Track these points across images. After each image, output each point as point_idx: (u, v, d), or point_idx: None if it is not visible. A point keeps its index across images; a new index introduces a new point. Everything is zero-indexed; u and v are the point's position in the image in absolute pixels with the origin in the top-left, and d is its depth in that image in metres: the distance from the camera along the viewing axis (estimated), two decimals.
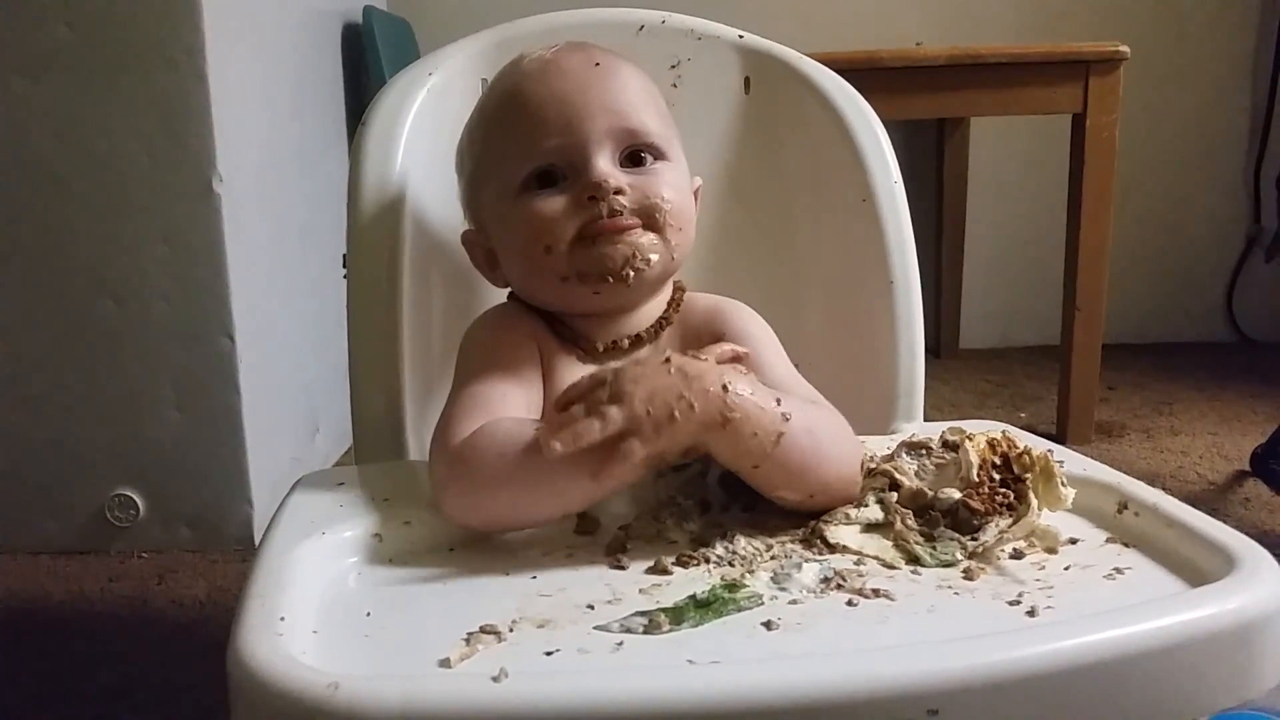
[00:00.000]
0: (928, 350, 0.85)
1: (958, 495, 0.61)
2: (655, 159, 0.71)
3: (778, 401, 0.59)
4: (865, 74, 0.99)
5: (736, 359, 0.64)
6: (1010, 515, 0.59)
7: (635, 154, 0.70)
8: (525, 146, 0.69)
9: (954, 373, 2.37)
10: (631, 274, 0.68)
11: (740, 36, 0.92)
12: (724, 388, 0.57)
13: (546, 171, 0.69)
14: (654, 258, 0.69)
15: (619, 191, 0.67)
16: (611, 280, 0.68)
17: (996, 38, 2.32)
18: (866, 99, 0.90)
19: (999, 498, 0.60)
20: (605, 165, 0.68)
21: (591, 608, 0.52)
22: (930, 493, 0.62)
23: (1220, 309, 2.65)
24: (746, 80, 0.92)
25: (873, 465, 0.65)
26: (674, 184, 0.70)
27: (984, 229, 2.55)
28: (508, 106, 0.71)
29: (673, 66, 0.90)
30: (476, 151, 0.74)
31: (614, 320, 0.72)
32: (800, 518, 0.62)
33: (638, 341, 0.73)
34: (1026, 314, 2.58)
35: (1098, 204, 1.77)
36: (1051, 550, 0.58)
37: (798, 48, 0.93)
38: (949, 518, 0.60)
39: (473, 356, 0.71)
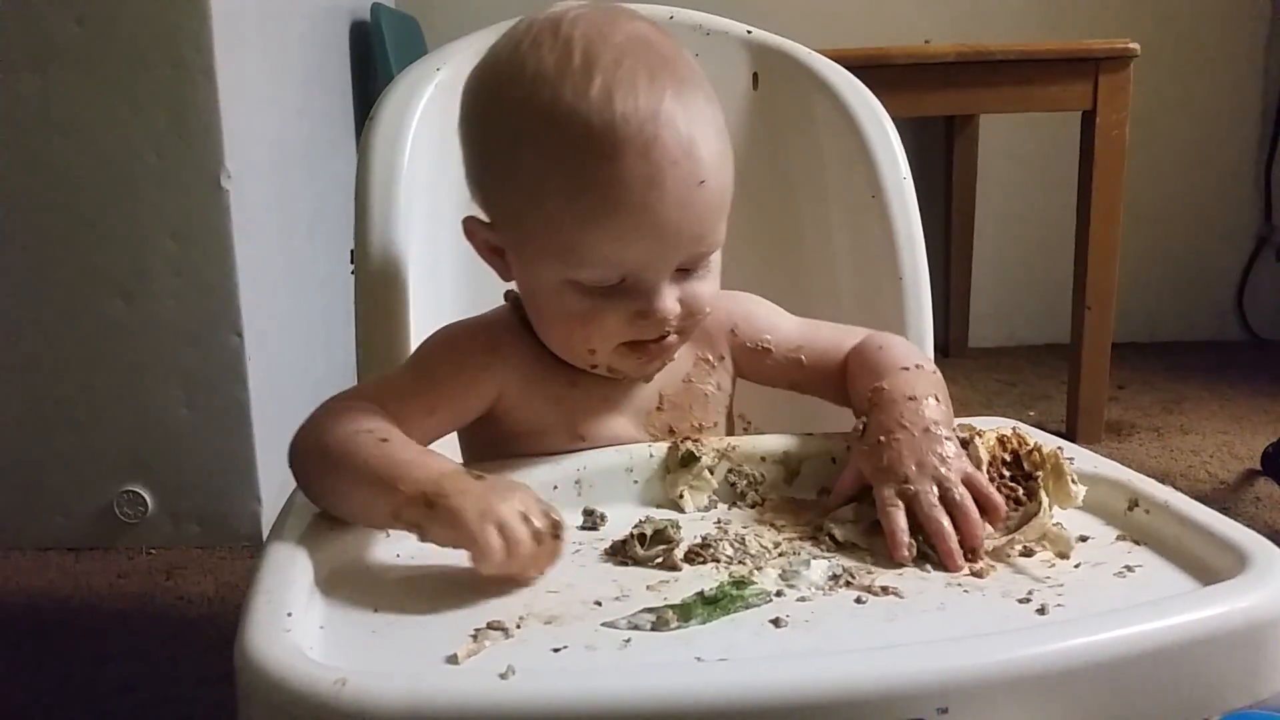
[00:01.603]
0: (936, 349, 0.85)
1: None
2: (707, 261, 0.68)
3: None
4: (874, 71, 0.99)
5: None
6: (1018, 509, 0.59)
7: (692, 263, 0.66)
8: (597, 249, 0.62)
9: (963, 371, 2.36)
10: (655, 375, 0.71)
11: (748, 32, 0.92)
12: None
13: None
14: (676, 355, 0.71)
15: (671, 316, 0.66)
16: (635, 377, 0.71)
17: (1006, 35, 2.31)
18: (875, 96, 0.89)
19: (1008, 493, 0.60)
20: (668, 295, 0.64)
21: (599, 604, 0.52)
22: None
23: (1231, 308, 2.64)
24: (755, 76, 0.91)
25: None
26: (715, 282, 0.69)
27: (993, 227, 2.54)
28: (591, 161, 0.61)
29: None
30: (528, 170, 0.63)
31: None
32: (809, 515, 0.62)
33: None
34: (1036, 312, 2.57)
35: (1107, 202, 1.76)
36: (1063, 555, 0.57)
37: (806, 44, 0.92)
38: None
39: (421, 368, 0.70)
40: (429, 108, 0.83)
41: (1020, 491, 0.60)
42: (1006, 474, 0.61)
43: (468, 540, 0.53)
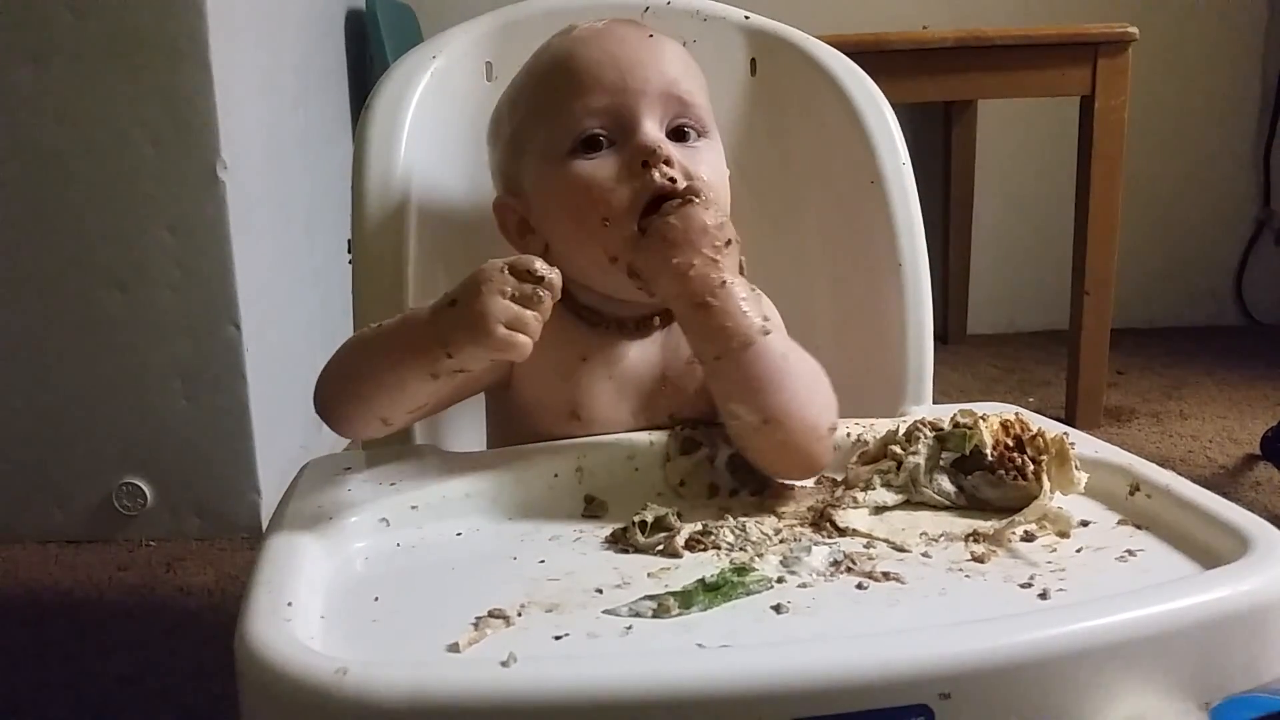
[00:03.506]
0: (935, 335, 0.85)
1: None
2: (699, 135, 0.71)
3: (765, 319, 0.62)
4: (872, 57, 0.98)
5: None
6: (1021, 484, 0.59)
7: (681, 129, 0.70)
8: (575, 107, 0.68)
9: (962, 358, 2.36)
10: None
11: (746, 18, 0.91)
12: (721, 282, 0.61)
13: (594, 137, 0.68)
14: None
15: (668, 161, 0.66)
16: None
17: (1004, 20, 2.30)
18: (874, 82, 0.89)
19: (1015, 476, 0.60)
20: (655, 130, 0.68)
21: (600, 592, 0.52)
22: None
23: (1230, 292, 2.64)
24: (753, 62, 0.91)
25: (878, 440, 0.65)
26: (714, 165, 0.70)
27: (992, 213, 2.54)
28: (558, 69, 0.70)
29: None
30: (520, 114, 0.73)
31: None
32: (810, 501, 0.62)
33: (668, 315, 0.72)
34: (1035, 299, 2.57)
35: (1106, 187, 1.76)
36: (1064, 534, 0.57)
37: (804, 29, 0.92)
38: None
39: None
40: (425, 96, 0.83)
41: (1027, 473, 0.60)
42: (1016, 459, 0.61)
43: (496, 352, 0.58)
